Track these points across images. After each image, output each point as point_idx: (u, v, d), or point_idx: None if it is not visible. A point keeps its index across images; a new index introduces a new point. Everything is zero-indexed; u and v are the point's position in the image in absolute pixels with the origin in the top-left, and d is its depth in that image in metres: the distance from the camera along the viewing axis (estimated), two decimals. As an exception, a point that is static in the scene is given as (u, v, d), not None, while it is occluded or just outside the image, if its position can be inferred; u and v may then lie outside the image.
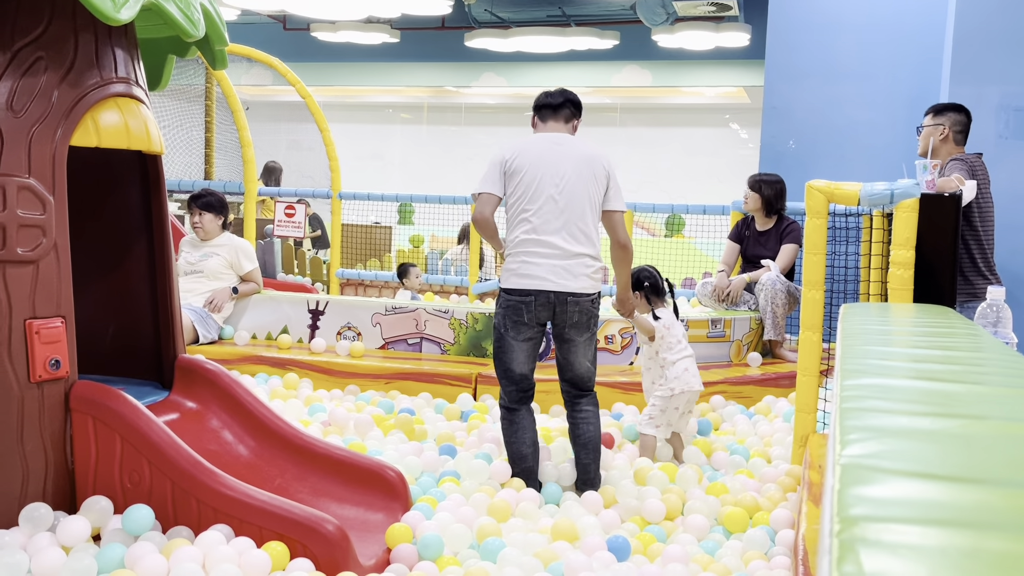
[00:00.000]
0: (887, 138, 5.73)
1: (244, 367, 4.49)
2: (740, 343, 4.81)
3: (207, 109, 7.52)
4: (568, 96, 3.28)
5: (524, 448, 3.12)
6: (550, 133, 3.22)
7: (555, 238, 3.05)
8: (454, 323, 4.68)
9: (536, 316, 3.07)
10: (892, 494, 0.79)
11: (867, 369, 1.34)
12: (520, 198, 3.10)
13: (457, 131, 13.97)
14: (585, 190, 3.10)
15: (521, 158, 3.12)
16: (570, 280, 3.06)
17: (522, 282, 3.06)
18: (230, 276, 4.92)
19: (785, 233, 5.01)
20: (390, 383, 4.35)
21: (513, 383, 3.14)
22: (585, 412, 3.18)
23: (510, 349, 3.11)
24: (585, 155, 3.15)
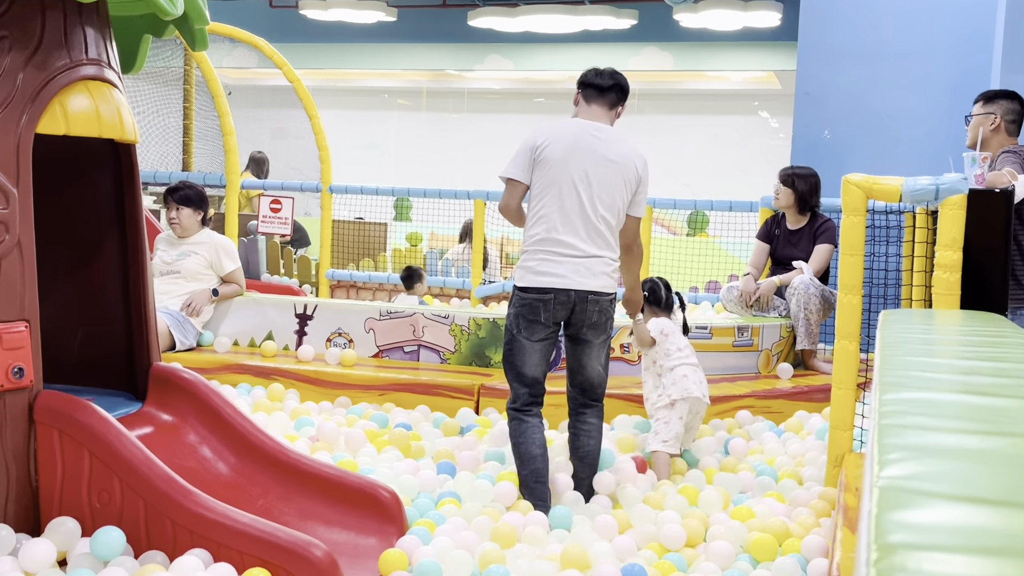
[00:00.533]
0: (932, 128, 5.72)
1: (225, 376, 4.49)
2: (769, 353, 4.81)
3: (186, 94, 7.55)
4: (618, 80, 3.36)
5: (534, 448, 3.19)
6: (589, 122, 3.29)
7: (574, 239, 3.16)
8: (455, 329, 4.69)
9: (553, 315, 3.16)
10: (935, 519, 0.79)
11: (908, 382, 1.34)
12: (544, 191, 3.19)
13: (459, 119, 13.99)
14: (613, 195, 3.21)
15: (553, 147, 3.20)
16: (590, 278, 3.16)
17: (541, 280, 3.15)
18: (210, 277, 4.93)
19: (819, 232, 5.01)
20: (384, 395, 4.35)
21: (525, 386, 3.22)
22: (589, 425, 3.29)
23: (523, 351, 3.20)
24: (621, 155, 3.25)
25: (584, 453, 3.29)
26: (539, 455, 3.19)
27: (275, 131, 12.16)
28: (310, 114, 7.14)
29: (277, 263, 7.70)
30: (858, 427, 3.22)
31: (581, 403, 3.30)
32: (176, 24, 2.81)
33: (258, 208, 7.02)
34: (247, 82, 13.19)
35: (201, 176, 6.99)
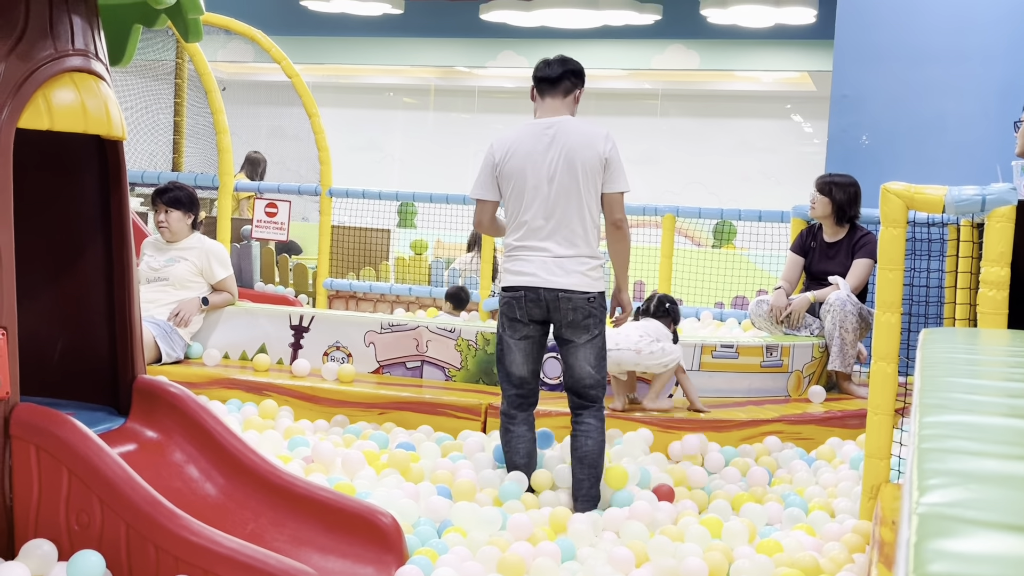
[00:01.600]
0: (978, 134, 5.70)
1: (214, 391, 4.51)
2: (800, 374, 4.79)
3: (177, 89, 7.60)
4: (569, 66, 3.59)
5: (518, 459, 3.55)
6: (541, 120, 3.56)
7: (548, 243, 3.45)
8: (461, 344, 4.69)
9: (528, 312, 3.46)
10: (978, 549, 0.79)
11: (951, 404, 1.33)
12: (512, 201, 3.53)
13: (469, 119, 14.04)
14: (578, 188, 3.46)
15: (511, 160, 3.51)
16: (561, 276, 3.43)
17: (514, 279, 3.48)
18: (200, 284, 4.95)
19: (858, 245, 5.00)
20: (385, 413, 4.36)
21: (512, 385, 3.55)
22: (586, 425, 3.50)
23: (508, 349, 3.53)
24: (579, 141, 3.48)
25: (583, 454, 3.48)
26: (523, 465, 3.54)
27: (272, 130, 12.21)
28: (309, 112, 7.17)
29: (272, 271, 7.72)
30: (895, 456, 3.21)
31: (577, 404, 3.53)
32: (168, 13, 2.84)
33: (252, 212, 7.05)
34: (243, 77, 13.26)
35: (192, 177, 7.01)
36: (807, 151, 12.41)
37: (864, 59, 5.94)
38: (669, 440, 4.13)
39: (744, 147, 12.58)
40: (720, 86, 12.81)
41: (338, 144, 8.16)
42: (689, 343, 4.61)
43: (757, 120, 12.74)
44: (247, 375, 4.65)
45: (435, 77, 13.92)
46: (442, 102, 14.12)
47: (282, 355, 4.92)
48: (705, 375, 4.59)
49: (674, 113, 13.03)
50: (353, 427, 4.21)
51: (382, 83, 14.18)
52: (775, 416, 4.34)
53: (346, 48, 12.97)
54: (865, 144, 5.87)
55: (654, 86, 13.05)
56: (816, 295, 4.97)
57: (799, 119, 12.86)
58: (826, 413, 4.45)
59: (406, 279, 7.77)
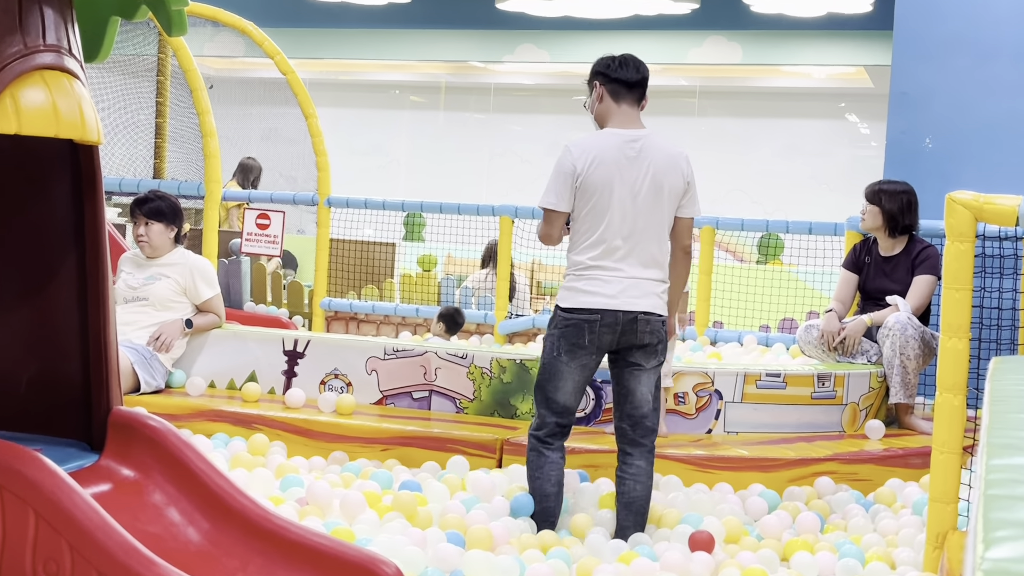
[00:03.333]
0: (1057, 137, 5.67)
1: (198, 425, 4.51)
2: (856, 407, 4.77)
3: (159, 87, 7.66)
4: (643, 71, 3.66)
5: (548, 486, 3.59)
6: (625, 131, 3.60)
7: (624, 264, 3.54)
8: (474, 372, 4.69)
9: (599, 339, 3.52)
10: (1051, 611, 0.78)
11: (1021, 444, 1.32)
12: (589, 217, 3.56)
13: (484, 120, 14.09)
14: (661, 214, 3.59)
15: (595, 170, 3.54)
16: (640, 299, 3.53)
17: (588, 300, 3.52)
18: (183, 305, 4.97)
19: (918, 260, 4.98)
20: (388, 450, 4.36)
21: (554, 414, 3.59)
22: (636, 468, 3.59)
23: (559, 375, 3.56)
24: (665, 162, 3.58)
25: (630, 500, 3.56)
26: (553, 494, 3.59)
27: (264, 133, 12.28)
28: (306, 113, 7.21)
29: (263, 290, 7.75)
30: (964, 499, 3.19)
31: (629, 440, 3.60)
32: (149, 4, 2.86)
33: (242, 223, 7.09)
34: (232, 74, 13.35)
35: (175, 185, 7.05)
36: (863, 155, 12.37)
37: (927, 52, 5.92)
38: (705, 480, 4.12)
39: (792, 150, 12.56)
40: (765, 82, 12.81)
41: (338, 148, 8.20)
42: (731, 371, 4.59)
43: (807, 120, 12.72)
44: (235, 406, 4.64)
45: (446, 73, 13.98)
46: (454, 101, 14.17)
47: (274, 384, 4.92)
48: (748, 407, 4.57)
49: (713, 113, 13.03)
50: (353, 465, 4.21)
51: (387, 80, 14.25)
52: (828, 454, 4.30)
53: (347, 41, 13.04)
54: (928, 148, 5.85)
55: (691, 83, 13.06)
56: (873, 317, 4.95)
57: (854, 119, 12.84)
58: (885, 451, 4.42)
59: (413, 299, 7.78)
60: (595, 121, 3.73)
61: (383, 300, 7.76)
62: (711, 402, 4.58)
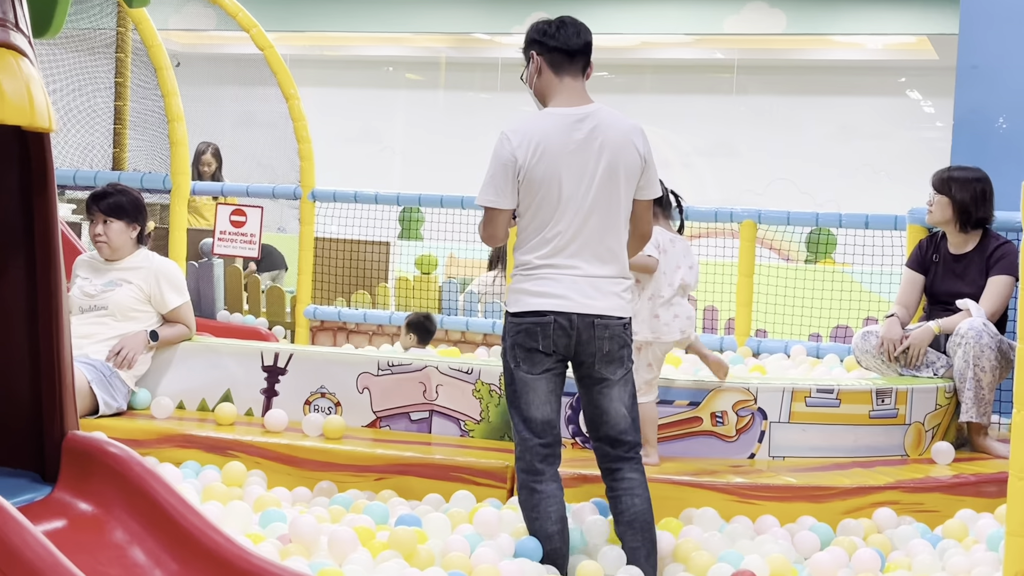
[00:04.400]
0: None
1: (165, 451, 4.51)
2: (921, 427, 4.75)
3: (118, 65, 7.67)
4: (585, 35, 3.66)
5: (550, 526, 3.53)
6: (569, 110, 3.61)
7: (576, 260, 3.56)
8: (481, 390, 4.69)
9: (553, 342, 3.53)
10: None
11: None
12: (535, 211, 3.58)
13: (490, 100, 14.09)
14: (618, 196, 3.60)
15: (539, 161, 3.54)
16: (596, 299, 3.55)
17: (537, 302, 3.54)
18: (147, 315, 4.98)
19: (993, 259, 4.97)
20: (383, 479, 4.35)
21: (534, 434, 3.57)
22: (628, 481, 3.60)
23: (527, 388, 3.57)
24: (619, 140, 3.59)
25: (631, 517, 3.58)
26: (557, 533, 3.54)
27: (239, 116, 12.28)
28: (286, 94, 7.21)
29: (239, 296, 7.75)
30: (1047, 533, 3.17)
31: (613, 458, 3.63)
32: (107, -29, 2.87)
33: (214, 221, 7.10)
34: (202, 50, 13.37)
35: (138, 177, 7.05)
36: (927, 137, 12.35)
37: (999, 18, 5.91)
38: (747, 512, 4.10)
39: (845, 133, 12.54)
40: (813, 55, 12.79)
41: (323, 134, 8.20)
42: (776, 387, 4.59)
43: (861, 98, 12.69)
44: (207, 430, 4.64)
45: (446, 47, 13.98)
46: (456, 78, 14.18)
47: (252, 404, 4.92)
48: (797, 428, 4.56)
49: (753, 89, 13.01)
50: (342, 497, 4.21)
51: (379, 55, 14.26)
52: (889, 482, 4.29)
53: (333, 12, 13.06)
54: (1002, 129, 5.83)
55: (727, 56, 13.05)
56: (941, 324, 4.93)
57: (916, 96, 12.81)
58: (955, 478, 4.40)
59: (410, 305, 7.77)
60: (534, 97, 3.75)
61: (376, 307, 7.76)
62: (754, 422, 4.57)
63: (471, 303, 7.61)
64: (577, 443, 4.59)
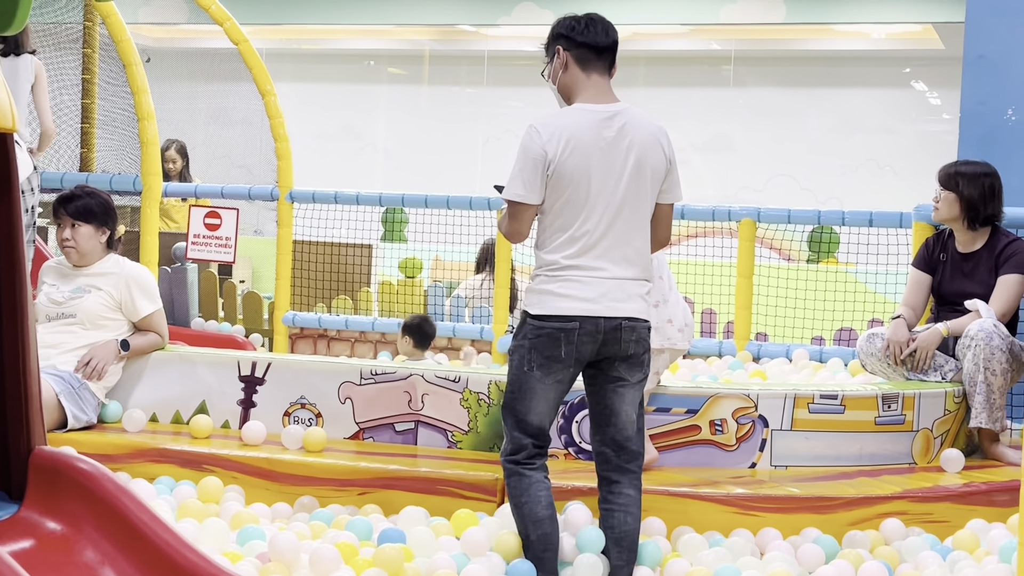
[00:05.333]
0: None
1: (138, 466, 4.50)
2: (929, 434, 4.76)
3: (85, 62, 7.66)
4: (613, 34, 3.76)
5: (540, 510, 3.62)
6: (599, 107, 3.67)
7: (603, 261, 3.62)
8: (469, 399, 4.68)
9: (577, 349, 3.59)
10: None
11: None
12: (563, 209, 3.62)
13: (476, 95, 14.09)
14: (645, 197, 3.68)
15: (570, 156, 3.59)
16: (624, 302, 3.62)
17: (564, 305, 3.58)
18: (117, 323, 4.96)
19: (1003, 257, 4.98)
20: (366, 494, 4.34)
21: (529, 436, 3.65)
22: (625, 498, 3.68)
23: (531, 394, 3.62)
24: (647, 141, 3.67)
25: (622, 534, 3.65)
26: (547, 517, 3.62)
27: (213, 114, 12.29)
28: (262, 90, 7.21)
29: (214, 303, 7.75)
30: (1061, 544, 3.18)
31: (615, 467, 3.70)
32: (73, -37, 2.86)
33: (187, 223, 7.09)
34: (173, 44, 13.36)
35: (107, 179, 7.04)
36: (933, 130, 12.38)
37: (1007, 6, 5.93)
38: (748, 524, 4.11)
39: (847, 126, 12.57)
40: (813, 45, 12.82)
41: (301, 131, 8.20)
42: (778, 393, 4.59)
43: (864, 90, 12.72)
44: (182, 444, 4.63)
45: (430, 40, 13.99)
46: (440, 72, 14.18)
47: (228, 416, 4.91)
48: (799, 436, 4.57)
49: (752, 81, 13.04)
50: (324, 512, 4.20)
51: (359, 49, 14.26)
52: (896, 492, 4.29)
53: (310, 3, 13.04)
54: (1011, 121, 5.85)
55: (724, 46, 13.07)
56: (950, 326, 4.94)
57: (921, 87, 12.84)
58: (965, 487, 4.41)
59: (394, 311, 7.77)
60: (558, 95, 3.79)
61: (358, 313, 7.76)
62: (755, 430, 4.57)
63: (458, 308, 7.61)
64: (570, 454, 4.59)
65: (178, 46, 13.32)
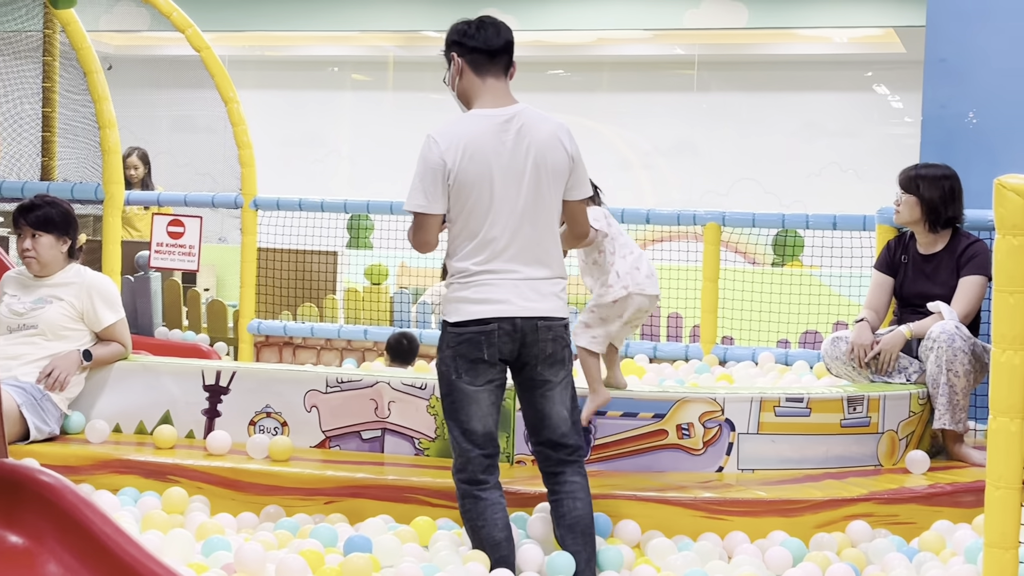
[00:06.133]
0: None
1: (101, 478, 4.49)
2: (894, 436, 4.79)
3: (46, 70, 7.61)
4: (506, 35, 3.79)
5: (497, 532, 3.65)
6: (496, 111, 3.73)
7: (514, 263, 3.70)
8: (435, 405, 4.68)
9: (499, 350, 3.66)
10: None
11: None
12: (468, 217, 3.70)
13: (440, 101, 14.07)
14: (549, 196, 3.74)
15: (469, 164, 3.67)
16: (538, 301, 3.70)
17: (480, 310, 3.66)
18: (80, 333, 4.94)
19: (964, 258, 5.01)
20: (333, 502, 4.34)
21: (476, 446, 3.70)
22: (572, 484, 3.75)
23: (468, 400, 3.68)
24: (546, 140, 3.74)
25: (574, 520, 3.72)
26: (504, 540, 3.65)
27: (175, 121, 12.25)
28: (225, 97, 7.18)
29: (178, 311, 7.71)
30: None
31: (555, 461, 3.78)
32: (31, -29, 2.85)
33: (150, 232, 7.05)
34: (135, 52, 13.30)
35: (68, 188, 7.00)
36: (896, 133, 12.46)
37: (968, 9, 5.96)
38: (716, 528, 4.12)
39: (811, 130, 12.63)
40: (776, 49, 12.87)
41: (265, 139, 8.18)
42: (744, 396, 4.60)
43: (827, 94, 12.79)
44: (146, 454, 4.62)
45: (394, 46, 13.97)
46: (405, 79, 14.16)
47: (193, 426, 4.89)
48: (766, 440, 4.58)
49: (715, 86, 13.09)
50: (289, 522, 4.19)
51: (323, 55, 14.23)
52: (862, 493, 4.32)
53: (273, 10, 13.01)
54: (972, 124, 5.89)
55: (688, 51, 13.12)
56: (913, 328, 4.97)
57: (884, 91, 12.92)
58: (931, 488, 4.44)
59: (360, 318, 7.76)
60: (458, 100, 3.85)
61: (324, 321, 7.73)
62: (721, 434, 4.59)
63: (424, 314, 7.60)
64: (537, 460, 4.58)
65: (140, 53, 13.27)
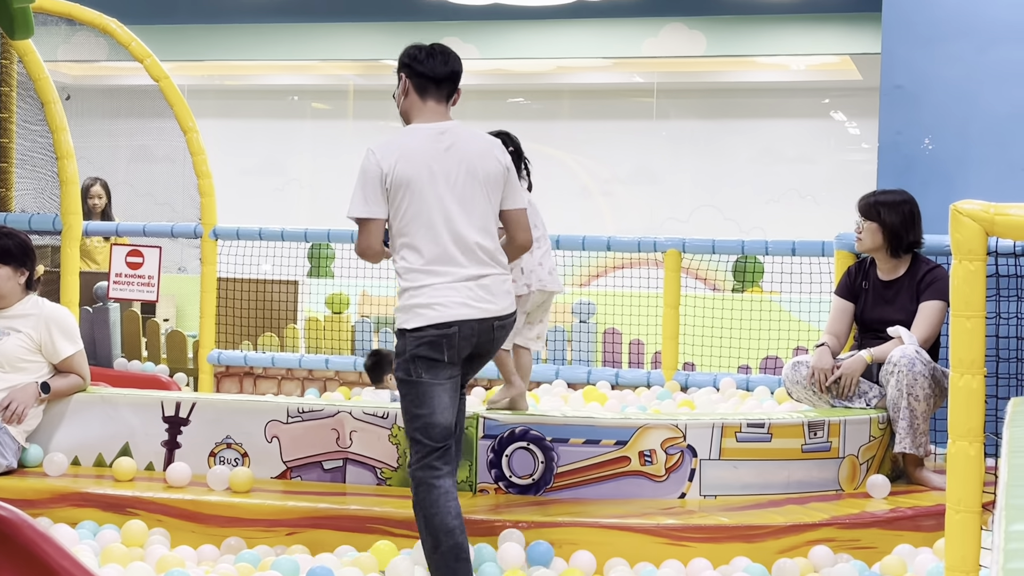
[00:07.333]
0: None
1: (60, 511, 4.46)
2: (855, 460, 4.81)
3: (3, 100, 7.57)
4: (453, 64, 3.97)
5: (451, 520, 3.72)
6: (429, 124, 3.94)
7: (459, 265, 3.81)
8: (398, 435, 4.67)
9: (458, 352, 3.78)
10: None
11: (1050, 502, 1.34)
12: (409, 221, 3.83)
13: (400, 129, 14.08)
14: (483, 199, 3.89)
15: (403, 168, 3.83)
16: (492, 301, 3.83)
17: (438, 314, 3.75)
18: (37, 365, 4.91)
19: (924, 283, 5.05)
20: (294, 534, 4.32)
21: (435, 441, 3.78)
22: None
23: (429, 396, 3.76)
24: (478, 150, 3.93)
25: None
26: (457, 527, 3.73)
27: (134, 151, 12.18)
28: (184, 126, 7.16)
29: (137, 342, 7.66)
30: (986, 567, 3.22)
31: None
32: (-13, 2, 2.83)
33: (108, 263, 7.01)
34: (93, 82, 13.24)
35: (26, 218, 6.96)
36: (853, 159, 12.55)
37: (922, 37, 6.03)
38: (678, 555, 4.12)
39: (769, 156, 12.71)
40: (734, 77, 12.96)
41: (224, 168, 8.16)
42: (705, 422, 4.62)
43: (785, 120, 12.88)
44: (105, 487, 4.59)
45: (354, 74, 13.98)
46: (365, 108, 14.16)
47: (152, 458, 4.87)
48: (727, 465, 4.59)
49: (675, 114, 13.16)
50: (250, 554, 4.17)
51: (282, 84, 14.22)
52: (824, 518, 4.33)
53: (232, 40, 13.00)
54: (928, 150, 5.94)
55: (646, 79, 13.19)
56: (873, 353, 5.00)
57: (840, 117, 13.02)
58: (892, 512, 4.46)
59: (321, 347, 7.73)
60: (401, 116, 4.04)
61: (284, 350, 7.71)
62: (683, 461, 4.59)
63: (387, 343, 7.58)
64: (501, 488, 4.58)
65: (98, 83, 13.21)
